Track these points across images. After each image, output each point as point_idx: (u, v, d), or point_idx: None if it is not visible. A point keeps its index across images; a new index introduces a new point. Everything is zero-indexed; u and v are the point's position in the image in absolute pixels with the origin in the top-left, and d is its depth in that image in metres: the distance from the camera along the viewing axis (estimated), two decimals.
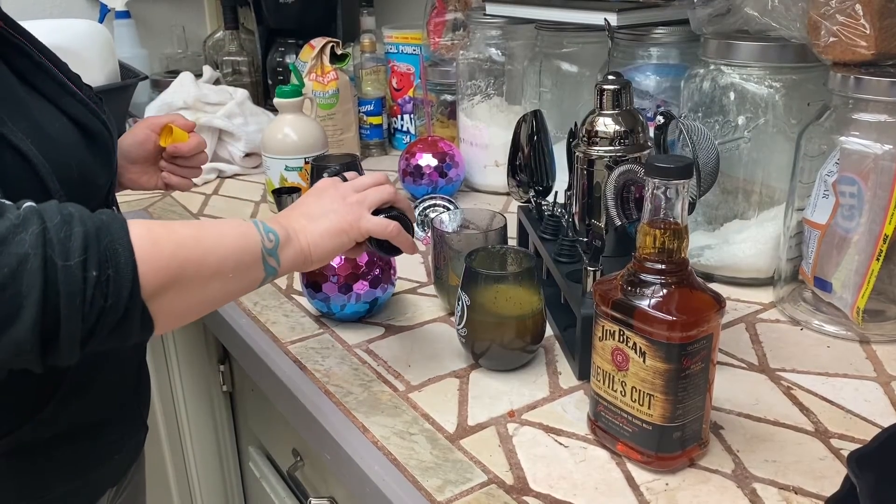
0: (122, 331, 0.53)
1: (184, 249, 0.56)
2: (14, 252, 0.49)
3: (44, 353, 0.51)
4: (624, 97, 0.77)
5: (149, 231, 0.55)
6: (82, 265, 0.50)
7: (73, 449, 0.74)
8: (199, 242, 0.57)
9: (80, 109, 0.73)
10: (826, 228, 0.80)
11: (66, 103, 0.72)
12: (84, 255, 0.51)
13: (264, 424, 1.07)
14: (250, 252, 0.61)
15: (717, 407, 0.69)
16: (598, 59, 1.08)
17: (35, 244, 0.49)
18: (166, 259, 0.54)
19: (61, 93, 0.72)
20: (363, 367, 0.78)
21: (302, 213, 0.68)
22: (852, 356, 0.78)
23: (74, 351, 0.52)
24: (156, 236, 0.55)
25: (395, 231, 0.70)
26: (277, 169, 1.18)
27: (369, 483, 0.64)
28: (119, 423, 0.80)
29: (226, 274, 0.59)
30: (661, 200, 0.58)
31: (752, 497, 0.59)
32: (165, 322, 0.56)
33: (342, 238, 0.67)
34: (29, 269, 0.49)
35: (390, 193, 0.72)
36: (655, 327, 0.58)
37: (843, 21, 0.76)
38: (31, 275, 0.49)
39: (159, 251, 0.54)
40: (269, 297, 0.93)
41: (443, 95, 1.38)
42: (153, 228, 0.55)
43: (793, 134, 0.84)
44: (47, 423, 0.70)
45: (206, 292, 0.58)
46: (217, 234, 0.59)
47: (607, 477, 0.62)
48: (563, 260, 0.82)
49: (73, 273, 0.50)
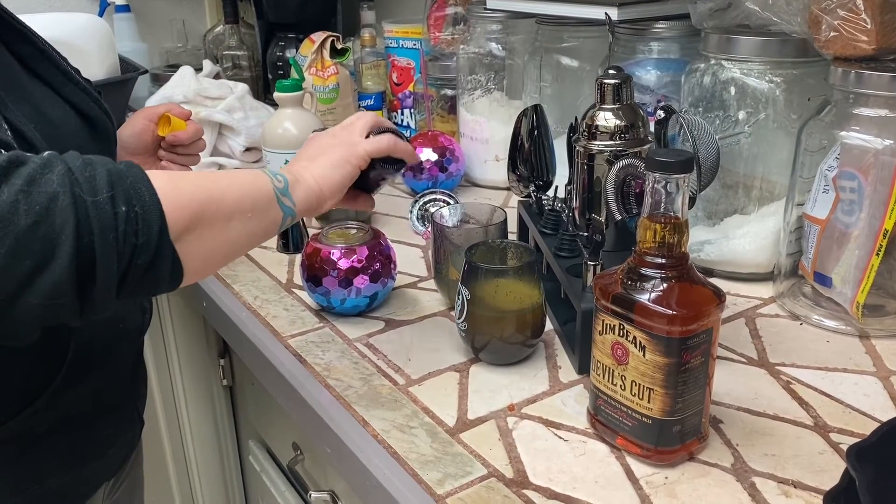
0: (155, 274, 0.53)
1: (202, 190, 0.57)
2: (44, 191, 0.48)
3: (81, 296, 0.50)
4: (624, 92, 0.77)
5: (166, 175, 0.55)
6: (111, 200, 0.50)
7: (66, 442, 0.74)
8: (215, 183, 0.58)
9: (82, 97, 0.73)
10: (826, 223, 0.80)
11: (69, 91, 0.72)
12: (111, 190, 0.51)
13: (264, 418, 1.07)
14: (264, 192, 0.62)
15: (716, 401, 0.70)
16: (599, 53, 1.08)
17: (63, 182, 0.49)
18: (187, 198, 0.55)
19: (64, 80, 0.73)
20: (363, 361, 0.78)
21: (300, 159, 0.70)
22: (852, 351, 0.78)
23: (111, 294, 0.51)
24: (173, 180, 0.55)
25: (392, 141, 0.71)
26: (278, 163, 1.18)
27: (369, 476, 0.64)
28: (113, 416, 0.80)
29: (245, 213, 0.60)
30: (661, 195, 0.58)
31: (751, 491, 0.59)
32: (194, 265, 0.56)
33: (346, 167, 0.69)
34: (60, 206, 0.48)
35: (374, 118, 0.74)
36: (655, 321, 0.58)
37: (843, 16, 0.76)
38: (63, 211, 0.48)
39: (179, 191, 0.55)
40: (270, 292, 0.93)
41: (443, 90, 1.38)
42: (170, 174, 0.56)
43: (793, 129, 0.84)
44: (40, 415, 0.70)
45: (228, 233, 0.59)
46: (229, 178, 0.61)
47: (607, 470, 0.62)
48: (564, 254, 0.83)
49: (104, 208, 0.50)
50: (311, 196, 0.66)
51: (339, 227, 0.90)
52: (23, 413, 0.68)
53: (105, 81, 1.39)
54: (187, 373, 1.23)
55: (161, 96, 1.43)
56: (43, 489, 0.73)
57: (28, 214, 0.48)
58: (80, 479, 0.77)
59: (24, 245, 0.48)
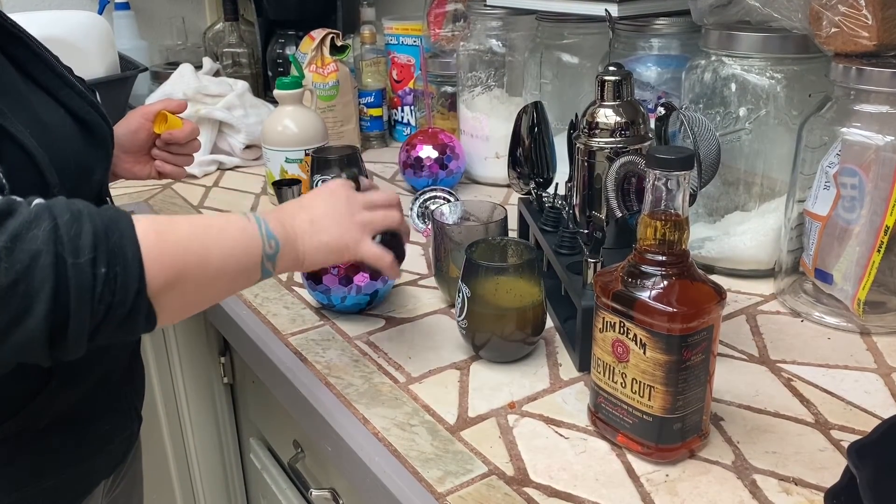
0: (128, 325, 0.54)
1: (189, 252, 0.57)
2: (27, 248, 0.50)
3: (52, 346, 0.52)
4: (625, 88, 0.77)
5: (154, 229, 0.55)
6: (92, 262, 0.51)
7: (63, 440, 0.74)
8: (203, 245, 0.58)
9: (78, 102, 0.73)
10: (827, 220, 0.80)
11: (65, 95, 0.72)
12: (94, 252, 0.52)
13: (265, 416, 1.07)
14: (251, 257, 0.62)
15: (717, 398, 0.70)
16: (599, 50, 1.08)
17: (47, 240, 0.50)
18: (170, 258, 0.55)
19: (60, 84, 0.72)
20: (364, 359, 0.78)
21: (307, 218, 0.67)
22: (853, 348, 0.78)
23: (81, 345, 0.53)
24: (161, 235, 0.55)
25: (388, 266, 0.71)
26: (278, 161, 1.18)
27: (370, 474, 0.64)
28: (110, 413, 0.80)
29: (227, 275, 0.60)
30: (661, 192, 0.58)
31: (752, 488, 0.59)
32: (168, 316, 0.57)
33: (338, 255, 0.69)
34: (41, 266, 0.50)
35: (397, 221, 0.73)
36: (656, 319, 0.58)
37: (844, 12, 0.75)
38: (42, 271, 0.50)
39: (164, 251, 0.55)
40: (270, 289, 0.93)
41: (443, 87, 1.38)
42: (159, 226, 0.56)
43: (794, 125, 0.84)
44: (36, 414, 0.70)
45: (207, 291, 0.60)
46: (220, 238, 0.60)
47: (607, 468, 0.62)
48: (564, 252, 0.82)
49: (83, 270, 0.51)
50: (290, 265, 0.66)
51: None
52: (19, 413, 0.68)
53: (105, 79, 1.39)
54: (188, 371, 1.23)
55: (161, 94, 1.43)
56: (40, 487, 0.73)
57: (8, 273, 0.49)
58: (77, 476, 0.77)
59: (1, 301, 0.49)
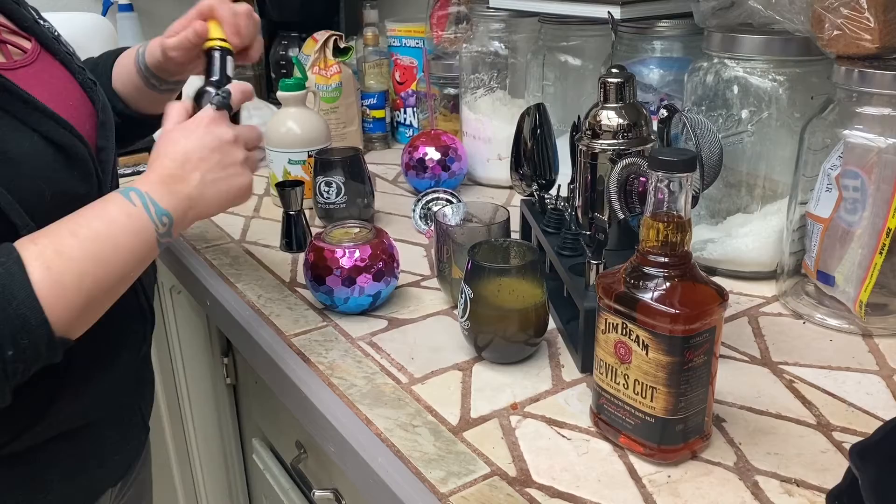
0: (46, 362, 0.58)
1: (86, 278, 0.58)
2: None
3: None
4: (627, 90, 0.77)
5: (48, 271, 0.56)
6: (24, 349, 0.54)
7: (70, 451, 0.74)
8: (99, 262, 0.59)
9: (50, 125, 0.67)
10: (829, 222, 0.80)
11: (34, 121, 0.66)
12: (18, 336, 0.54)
13: (268, 417, 1.08)
14: (146, 244, 0.63)
15: (719, 400, 0.70)
16: (602, 52, 1.08)
17: None
18: (72, 297, 0.57)
19: (26, 109, 0.66)
20: (366, 360, 0.78)
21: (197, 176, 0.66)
22: (855, 350, 0.78)
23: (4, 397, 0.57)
24: (57, 275, 0.56)
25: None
26: (281, 162, 1.18)
27: (373, 475, 0.64)
28: (118, 424, 0.80)
29: (128, 273, 0.62)
30: (664, 194, 0.58)
31: (753, 489, 0.59)
32: (81, 331, 0.60)
33: (234, 204, 0.70)
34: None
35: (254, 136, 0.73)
36: (658, 320, 0.58)
37: (847, 14, 0.76)
38: None
39: (64, 293, 0.56)
40: (273, 290, 0.94)
41: (446, 89, 1.38)
42: (51, 265, 0.56)
43: (796, 127, 0.84)
44: (44, 427, 0.70)
45: (112, 297, 0.62)
46: (114, 240, 0.60)
47: (610, 469, 0.62)
48: (566, 253, 0.83)
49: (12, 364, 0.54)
50: (188, 226, 0.67)
51: (342, 226, 0.90)
52: (28, 430, 0.69)
53: None
54: (191, 372, 1.24)
55: None
56: (47, 498, 0.73)
57: None
58: (83, 486, 0.77)
59: None
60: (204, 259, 1.03)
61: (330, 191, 1.07)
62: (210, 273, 0.99)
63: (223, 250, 1.06)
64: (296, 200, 1.03)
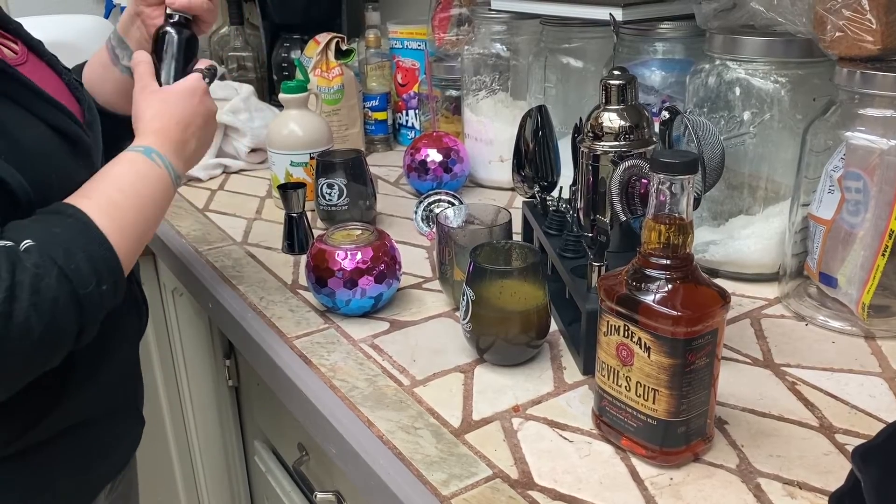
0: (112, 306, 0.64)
1: (137, 228, 0.66)
2: (47, 298, 0.56)
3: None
4: (629, 92, 0.77)
5: (111, 220, 0.63)
6: (97, 287, 0.60)
7: (75, 445, 0.75)
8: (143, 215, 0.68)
9: (56, 114, 0.71)
10: (831, 224, 0.80)
11: (40, 109, 0.70)
12: (95, 277, 0.60)
13: (270, 419, 1.08)
14: (169, 200, 0.73)
15: (721, 402, 0.70)
16: (604, 54, 1.08)
17: (60, 287, 0.57)
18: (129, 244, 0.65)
19: (33, 98, 0.70)
20: (368, 362, 0.78)
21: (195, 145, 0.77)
22: (857, 352, 0.78)
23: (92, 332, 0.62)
24: (117, 224, 0.63)
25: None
26: (283, 164, 1.18)
27: (374, 477, 0.64)
28: (119, 417, 0.81)
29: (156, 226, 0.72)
30: (666, 195, 0.58)
31: (756, 492, 0.59)
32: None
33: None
34: (62, 309, 0.57)
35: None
36: (660, 322, 0.58)
37: (849, 16, 0.76)
38: (64, 313, 0.58)
39: (124, 240, 0.64)
40: (275, 292, 0.94)
41: (448, 91, 1.38)
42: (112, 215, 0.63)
43: (798, 129, 0.84)
44: (51, 423, 0.70)
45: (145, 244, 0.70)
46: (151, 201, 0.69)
47: (612, 471, 0.62)
48: (568, 255, 0.83)
49: (93, 295, 0.59)
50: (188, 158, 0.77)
51: (344, 228, 0.90)
52: (35, 426, 0.69)
53: None
54: (193, 373, 1.24)
55: None
56: (53, 493, 0.73)
57: (38, 325, 0.55)
58: (87, 481, 0.77)
59: (36, 351, 0.57)
60: (206, 261, 1.03)
61: (332, 193, 1.08)
62: (212, 275, 0.99)
63: (225, 252, 1.06)
64: (298, 202, 1.03)
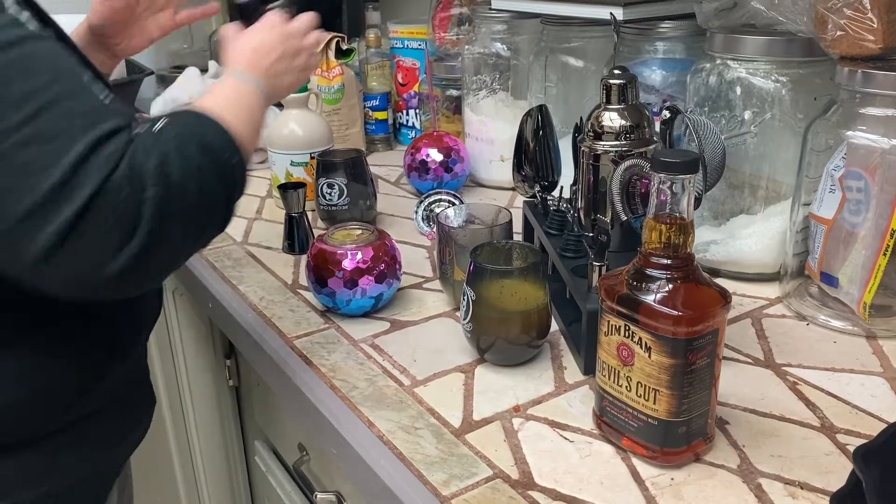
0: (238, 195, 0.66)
1: (248, 140, 0.69)
2: (193, 166, 0.58)
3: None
4: (630, 92, 0.77)
5: (228, 125, 0.65)
6: (230, 158, 0.62)
7: (112, 422, 0.77)
8: (252, 127, 0.71)
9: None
10: (832, 223, 0.79)
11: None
12: (228, 151, 0.62)
13: (270, 419, 1.08)
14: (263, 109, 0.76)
15: (722, 402, 0.69)
16: (604, 53, 1.08)
17: (201, 156, 0.59)
18: (248, 143, 0.68)
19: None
20: (368, 362, 0.78)
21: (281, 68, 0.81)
22: (859, 351, 0.77)
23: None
24: (234, 129, 0.64)
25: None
26: (283, 164, 1.18)
27: (375, 477, 0.64)
28: (143, 393, 0.84)
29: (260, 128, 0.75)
30: (666, 195, 0.58)
31: (757, 492, 0.59)
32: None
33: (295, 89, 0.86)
34: (207, 175, 0.59)
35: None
36: (661, 322, 0.58)
37: (850, 15, 0.75)
38: (210, 180, 0.59)
39: (244, 140, 0.67)
40: (275, 293, 0.94)
41: (448, 90, 1.38)
42: (229, 122, 0.65)
43: (799, 128, 0.84)
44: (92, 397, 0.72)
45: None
46: (259, 118, 0.74)
47: (612, 471, 0.62)
48: (569, 255, 0.82)
49: (230, 167, 0.62)
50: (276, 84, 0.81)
51: (345, 228, 0.90)
52: (82, 399, 0.71)
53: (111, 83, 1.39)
54: (193, 374, 1.24)
55: (167, 97, 1.43)
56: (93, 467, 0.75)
57: (193, 189, 0.57)
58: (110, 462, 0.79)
59: (196, 214, 0.59)
60: (206, 261, 1.03)
61: (332, 193, 1.07)
62: (212, 275, 0.99)
63: (225, 252, 1.06)
64: (298, 202, 1.03)
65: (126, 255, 0.53)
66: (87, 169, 0.51)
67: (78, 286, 0.56)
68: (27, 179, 0.51)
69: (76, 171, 0.51)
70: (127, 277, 0.55)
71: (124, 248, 0.53)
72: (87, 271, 0.54)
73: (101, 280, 0.54)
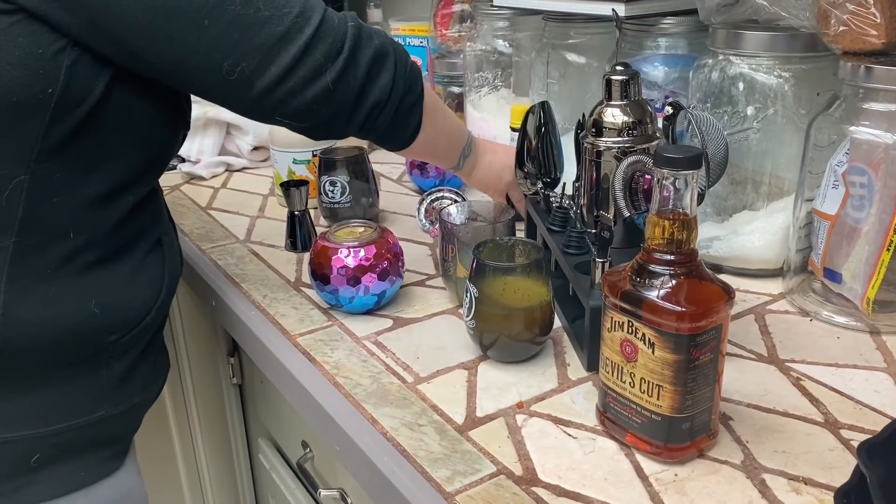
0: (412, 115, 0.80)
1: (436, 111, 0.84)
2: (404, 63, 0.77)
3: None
4: (632, 88, 0.77)
5: (429, 99, 0.82)
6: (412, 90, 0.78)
7: (149, 360, 0.83)
8: (447, 120, 0.88)
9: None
10: (836, 219, 0.79)
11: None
12: (416, 87, 0.78)
13: (274, 416, 1.08)
14: (463, 141, 0.93)
15: (726, 398, 0.69)
16: (606, 49, 1.08)
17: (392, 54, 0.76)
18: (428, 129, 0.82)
19: None
20: (372, 359, 0.78)
21: (488, 155, 0.99)
22: (862, 347, 0.77)
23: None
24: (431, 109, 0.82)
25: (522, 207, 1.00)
26: (285, 162, 1.18)
27: (378, 474, 0.64)
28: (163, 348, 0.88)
29: (446, 138, 0.90)
30: (669, 191, 0.58)
31: (761, 488, 0.59)
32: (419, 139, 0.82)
33: (490, 190, 1.02)
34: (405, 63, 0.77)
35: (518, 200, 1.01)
36: (664, 318, 0.58)
37: (853, 10, 0.75)
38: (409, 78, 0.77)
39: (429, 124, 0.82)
40: (278, 290, 0.94)
41: (450, 87, 1.38)
42: (434, 102, 0.83)
43: (802, 124, 0.84)
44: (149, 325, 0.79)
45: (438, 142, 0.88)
46: (456, 139, 0.92)
47: (616, 468, 0.62)
48: (572, 251, 0.82)
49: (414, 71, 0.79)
50: (469, 171, 0.97)
51: (347, 226, 0.90)
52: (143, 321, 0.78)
53: None
54: (197, 371, 1.24)
55: None
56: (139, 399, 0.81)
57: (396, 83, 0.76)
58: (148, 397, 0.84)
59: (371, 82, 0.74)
60: (209, 259, 1.03)
61: (334, 190, 1.08)
62: (215, 273, 0.99)
63: (228, 250, 1.06)
64: (300, 200, 1.03)
65: (332, 72, 0.70)
66: (311, 4, 0.70)
67: (292, 97, 0.70)
68: (282, 9, 0.68)
69: (305, 7, 0.69)
70: (326, 98, 0.71)
71: (331, 65, 0.70)
72: (306, 84, 0.70)
73: (314, 92, 0.70)
